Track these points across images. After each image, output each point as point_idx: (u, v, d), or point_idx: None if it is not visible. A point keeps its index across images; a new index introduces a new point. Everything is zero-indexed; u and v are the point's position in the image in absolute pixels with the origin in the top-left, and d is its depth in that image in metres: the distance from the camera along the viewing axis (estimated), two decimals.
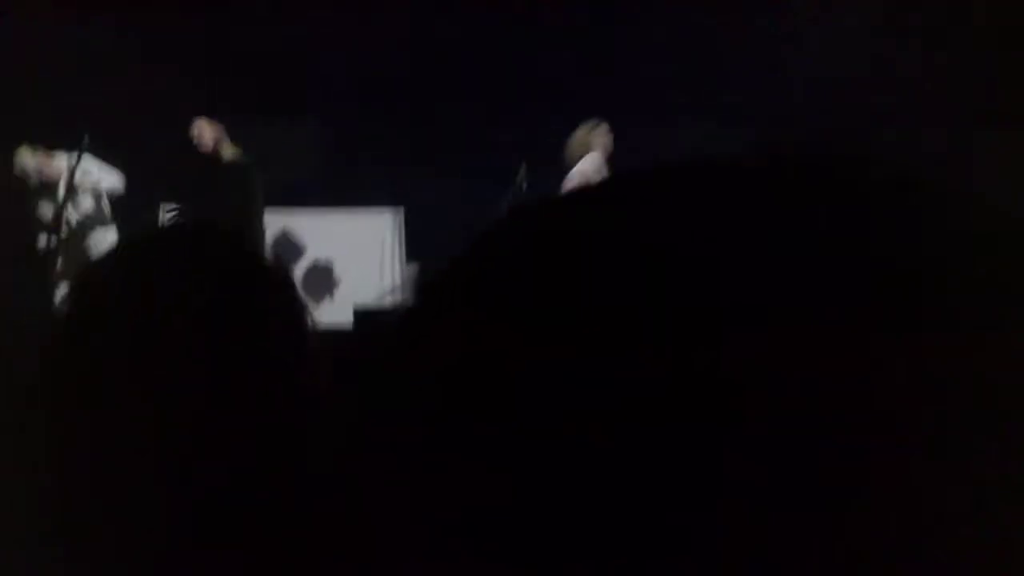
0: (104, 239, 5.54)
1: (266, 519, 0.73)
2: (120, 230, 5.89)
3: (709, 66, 7.78)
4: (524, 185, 6.97)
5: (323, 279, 7.91)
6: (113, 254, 0.87)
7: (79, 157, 5.50)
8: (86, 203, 5.67)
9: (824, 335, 0.26)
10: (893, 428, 0.26)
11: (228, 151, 5.33)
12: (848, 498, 0.26)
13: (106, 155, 6.01)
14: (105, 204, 5.86)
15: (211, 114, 5.32)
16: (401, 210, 7.97)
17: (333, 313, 7.61)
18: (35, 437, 0.76)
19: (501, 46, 8.00)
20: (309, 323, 0.88)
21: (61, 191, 5.52)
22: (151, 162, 6.72)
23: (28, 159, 5.50)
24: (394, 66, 7.98)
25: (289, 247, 7.84)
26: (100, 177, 5.68)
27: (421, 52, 8.01)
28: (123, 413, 0.74)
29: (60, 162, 5.62)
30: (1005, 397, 0.26)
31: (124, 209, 6.25)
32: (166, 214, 5.63)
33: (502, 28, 7.94)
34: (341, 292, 7.82)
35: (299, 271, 7.90)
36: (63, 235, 5.36)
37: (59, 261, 5.22)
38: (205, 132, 5.23)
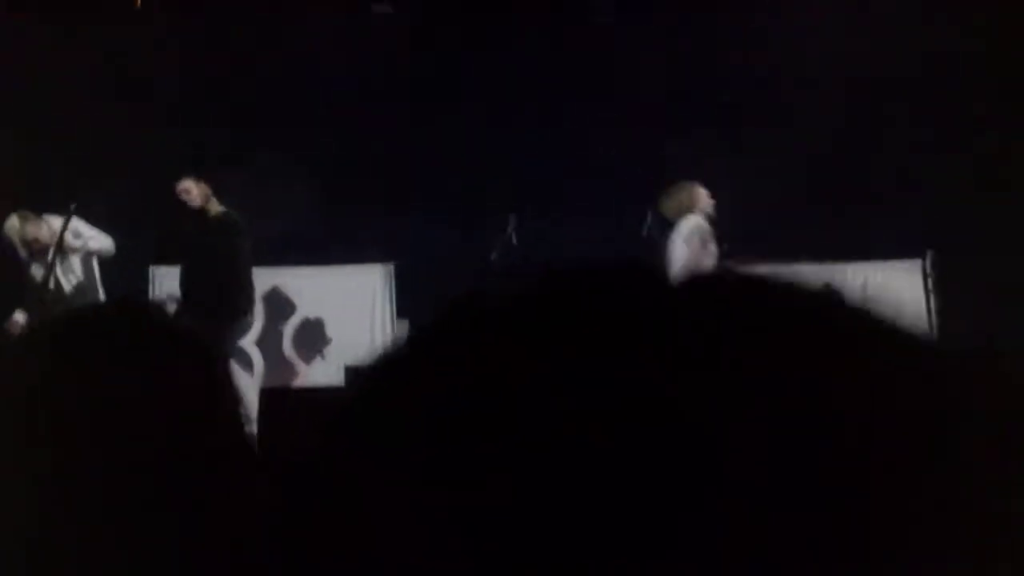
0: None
1: None
2: (108, 294, 5.86)
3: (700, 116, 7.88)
4: (514, 237, 7.00)
5: (314, 336, 7.87)
6: (30, 336, 0.90)
7: (67, 220, 5.49)
8: (76, 267, 5.63)
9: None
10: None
11: (215, 208, 5.33)
12: None
13: (95, 217, 6.01)
14: (95, 268, 5.83)
15: (198, 172, 5.33)
16: (392, 265, 7.96)
17: (324, 371, 7.56)
18: None
19: (489, 98, 8.09)
20: (230, 399, 0.87)
21: (50, 255, 5.49)
22: (141, 223, 6.74)
23: (16, 228, 5.46)
24: (383, 120, 8.05)
25: (279, 304, 7.81)
26: (89, 240, 5.65)
27: (410, 105, 8.09)
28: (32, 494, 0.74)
29: (50, 225, 5.59)
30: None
31: (114, 272, 6.24)
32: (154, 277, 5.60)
33: (490, 81, 8.04)
34: (332, 349, 7.77)
35: (290, 328, 7.85)
36: (52, 300, 5.31)
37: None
38: (192, 190, 5.24)
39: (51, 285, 5.40)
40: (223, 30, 7.62)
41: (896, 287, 8.29)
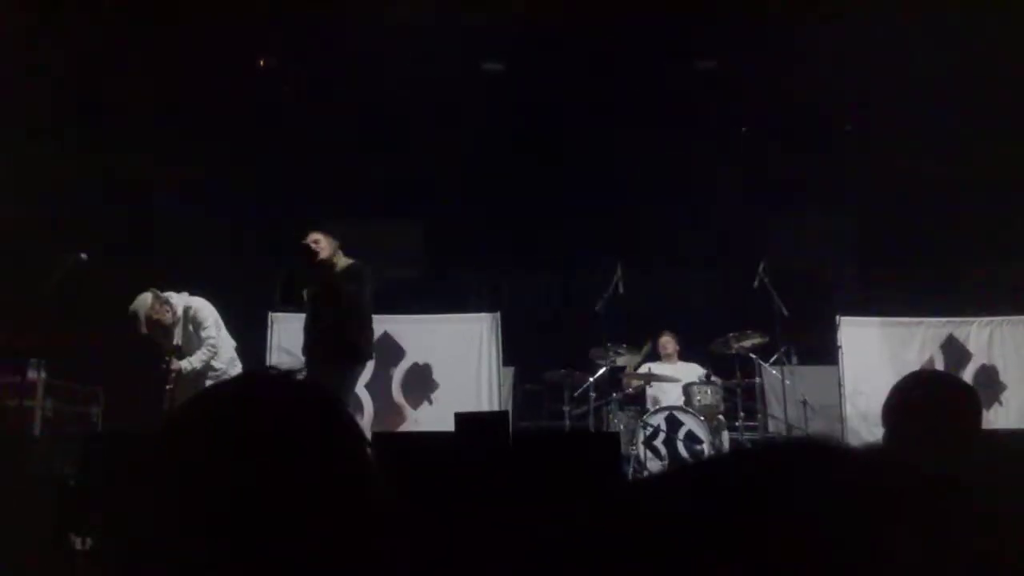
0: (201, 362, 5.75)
1: None
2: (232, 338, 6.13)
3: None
4: (621, 286, 7.00)
5: (422, 382, 8.02)
6: (183, 409, 0.92)
7: (186, 313, 5.75)
8: (185, 333, 5.85)
9: None
10: None
11: (343, 259, 5.54)
12: None
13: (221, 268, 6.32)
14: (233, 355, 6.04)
15: (326, 227, 5.56)
16: (498, 314, 8.08)
17: (432, 416, 7.68)
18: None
19: (594, 150, 8.19)
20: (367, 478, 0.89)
21: (175, 335, 5.77)
22: (261, 272, 7.07)
23: (143, 306, 5.71)
24: (491, 173, 8.23)
25: (389, 350, 8.00)
26: (201, 317, 5.85)
27: (518, 159, 8.25)
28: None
29: (173, 307, 5.82)
30: None
31: (236, 316, 6.54)
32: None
33: (596, 135, 8.13)
34: (439, 395, 7.90)
35: (399, 373, 8.03)
36: (175, 377, 5.57)
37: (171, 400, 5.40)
38: (322, 241, 5.45)
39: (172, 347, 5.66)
40: (334, 90, 7.95)
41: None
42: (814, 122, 7.93)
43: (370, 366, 7.92)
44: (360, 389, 7.81)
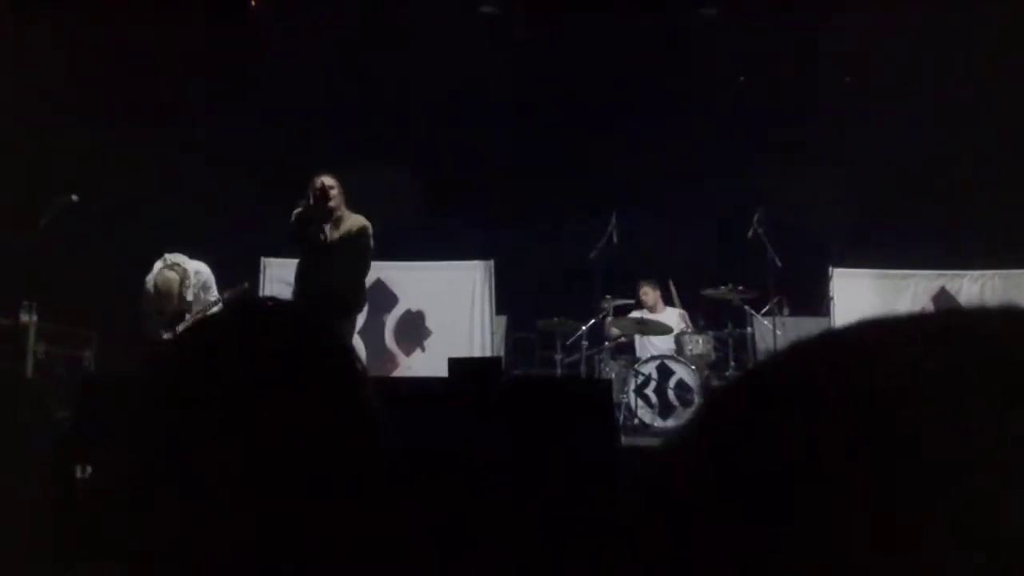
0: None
1: None
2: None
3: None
4: (615, 236, 6.98)
5: (415, 328, 8.05)
6: (179, 336, 0.88)
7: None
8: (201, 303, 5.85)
9: None
10: None
11: (349, 212, 5.47)
12: None
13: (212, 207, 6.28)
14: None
15: (332, 170, 5.48)
16: (492, 262, 8.07)
17: (424, 362, 7.73)
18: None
19: (592, 100, 8.11)
20: (366, 396, 0.85)
21: (188, 292, 5.77)
22: (254, 215, 7.02)
23: (173, 288, 5.70)
24: (487, 119, 8.16)
25: (383, 296, 8.01)
26: (209, 303, 5.84)
27: (514, 106, 8.18)
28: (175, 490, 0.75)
29: (184, 274, 5.81)
30: None
31: (227, 261, 6.52)
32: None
33: (594, 81, 8.05)
34: (432, 342, 7.93)
35: (392, 320, 8.05)
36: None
37: None
38: (335, 189, 5.38)
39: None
40: (330, 33, 7.83)
41: (1017, 295, 7.97)
42: (814, 73, 7.86)
43: (363, 313, 7.96)
44: (353, 335, 7.84)
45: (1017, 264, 7.91)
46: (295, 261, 5.66)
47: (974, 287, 8.00)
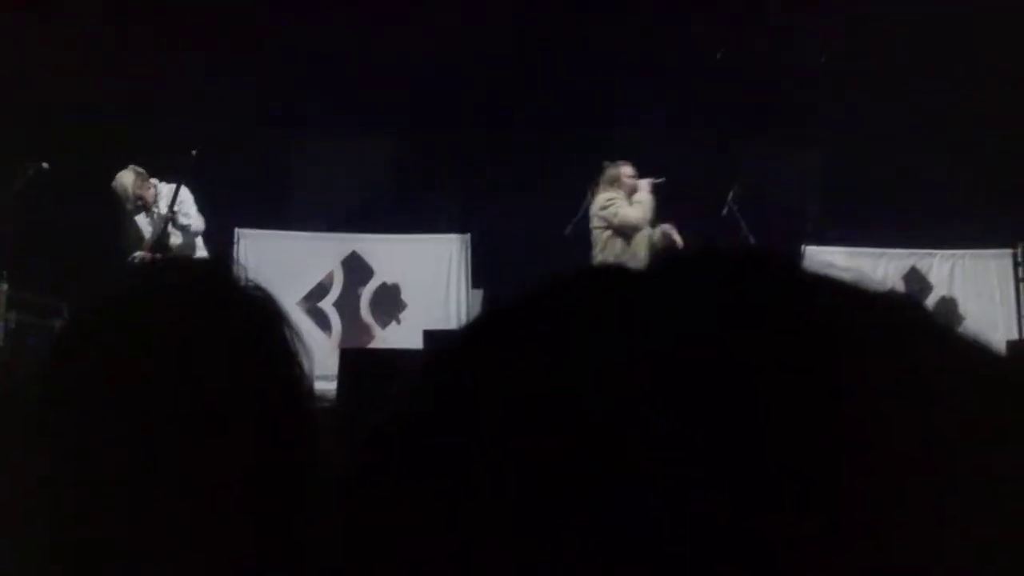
0: None
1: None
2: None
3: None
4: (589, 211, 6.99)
5: (390, 301, 8.04)
6: (103, 300, 0.85)
7: (178, 188, 5.74)
8: (176, 237, 5.87)
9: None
10: None
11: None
12: None
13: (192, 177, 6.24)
14: (199, 242, 6.06)
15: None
16: (468, 236, 8.07)
17: (399, 335, 7.73)
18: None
19: (568, 73, 8.08)
20: (294, 351, 0.82)
21: (156, 215, 5.77)
22: (230, 185, 6.97)
23: (129, 180, 5.76)
24: (464, 92, 8.11)
25: (358, 269, 7.99)
26: (189, 218, 5.87)
27: (491, 79, 8.13)
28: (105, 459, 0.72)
29: (156, 187, 5.84)
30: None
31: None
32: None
33: (570, 55, 8.02)
34: (407, 315, 7.93)
35: (367, 293, 8.03)
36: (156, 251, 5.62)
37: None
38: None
39: (159, 236, 5.69)
40: (303, 7, 7.73)
41: (985, 276, 8.09)
42: (790, 52, 7.88)
43: (338, 285, 7.94)
44: (328, 307, 7.82)
45: (988, 244, 8.03)
46: (270, 232, 5.65)
47: (944, 266, 8.11)
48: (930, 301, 7.91)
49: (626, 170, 6.54)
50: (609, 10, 7.76)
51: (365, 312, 8.03)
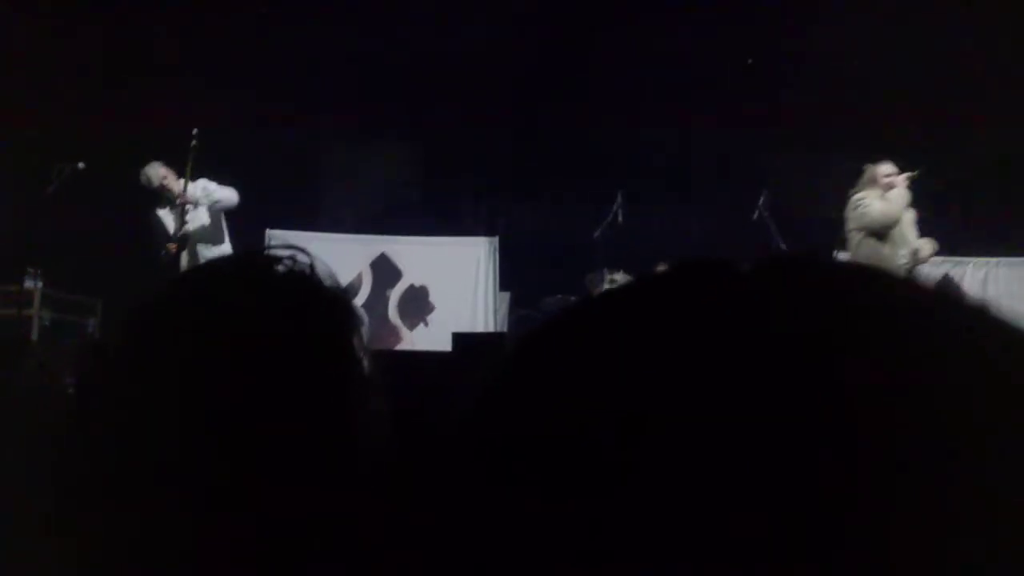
0: (220, 254, 5.85)
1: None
2: (235, 248, 6.16)
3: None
4: (620, 215, 6.98)
5: (418, 303, 8.07)
6: (165, 288, 0.84)
7: (191, 167, 5.85)
8: (203, 215, 5.98)
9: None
10: None
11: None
12: None
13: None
14: (223, 219, 6.16)
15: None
16: (496, 239, 8.08)
17: (427, 337, 7.76)
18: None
19: (598, 77, 8.07)
20: (358, 348, 0.83)
21: (179, 203, 5.88)
22: (258, 188, 7.03)
23: (155, 170, 5.88)
24: (492, 95, 8.13)
25: (386, 271, 8.03)
26: (215, 192, 6.00)
27: (519, 82, 8.14)
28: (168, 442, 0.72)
29: (181, 183, 5.97)
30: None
31: (231, 233, 6.54)
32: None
33: (600, 57, 8.00)
34: (435, 317, 7.95)
35: (395, 295, 8.07)
36: (179, 241, 5.72)
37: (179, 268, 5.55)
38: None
39: (179, 228, 5.78)
40: (330, 7, 7.76)
41: (1020, 284, 7.97)
42: (822, 57, 7.81)
43: (367, 287, 7.98)
44: (357, 309, 7.86)
45: (1022, 252, 7.90)
46: (301, 233, 5.70)
47: (978, 274, 8.00)
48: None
49: (883, 168, 6.39)
50: (639, 13, 7.73)
51: (393, 314, 8.07)
